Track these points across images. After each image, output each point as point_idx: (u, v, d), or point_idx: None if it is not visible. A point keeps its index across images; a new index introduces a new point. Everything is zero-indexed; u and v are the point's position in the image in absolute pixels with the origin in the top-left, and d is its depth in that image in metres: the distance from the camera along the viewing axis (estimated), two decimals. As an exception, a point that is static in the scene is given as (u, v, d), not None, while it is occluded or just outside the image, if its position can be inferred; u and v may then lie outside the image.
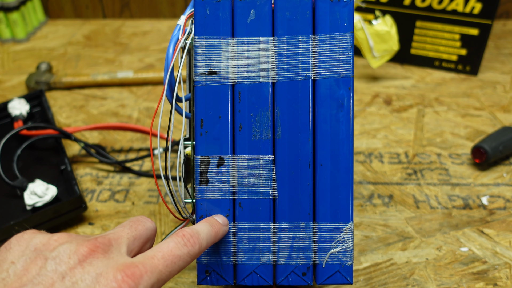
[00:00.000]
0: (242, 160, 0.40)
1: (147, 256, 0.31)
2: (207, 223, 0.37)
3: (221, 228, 0.38)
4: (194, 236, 0.34)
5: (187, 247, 0.33)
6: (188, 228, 0.35)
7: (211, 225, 0.37)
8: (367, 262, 0.49)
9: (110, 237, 0.31)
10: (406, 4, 0.83)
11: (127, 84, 0.83)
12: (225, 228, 0.39)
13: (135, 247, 0.33)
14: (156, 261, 0.31)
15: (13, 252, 0.29)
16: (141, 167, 0.64)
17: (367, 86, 0.82)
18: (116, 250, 0.31)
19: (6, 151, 0.58)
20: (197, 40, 0.39)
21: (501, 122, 0.72)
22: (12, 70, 0.90)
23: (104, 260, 0.29)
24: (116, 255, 0.30)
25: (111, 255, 0.30)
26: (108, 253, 0.30)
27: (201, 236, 0.35)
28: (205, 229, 0.36)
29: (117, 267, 0.29)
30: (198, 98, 0.40)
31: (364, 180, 0.61)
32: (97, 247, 0.30)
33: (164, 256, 0.31)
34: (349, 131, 0.40)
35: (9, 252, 0.29)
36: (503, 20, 1.05)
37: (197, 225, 0.36)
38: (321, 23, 0.39)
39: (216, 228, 0.38)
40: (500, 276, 0.47)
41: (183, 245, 0.33)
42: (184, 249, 0.33)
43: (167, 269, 0.31)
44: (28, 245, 0.30)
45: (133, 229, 0.33)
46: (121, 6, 1.10)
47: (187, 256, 0.33)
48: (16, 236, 0.31)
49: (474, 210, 0.56)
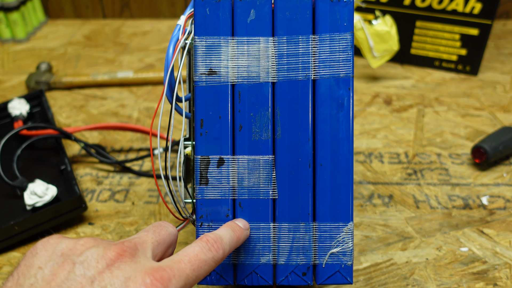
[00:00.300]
0: (242, 160, 0.40)
1: (174, 260, 0.31)
2: (229, 228, 0.37)
3: (243, 232, 0.38)
4: (218, 241, 0.34)
5: (211, 252, 0.33)
6: (211, 233, 0.35)
7: (233, 230, 0.37)
8: (367, 262, 0.49)
9: (136, 242, 0.32)
10: (406, 4, 0.83)
11: (127, 84, 0.83)
12: (247, 232, 0.39)
13: (159, 251, 0.33)
14: (183, 265, 0.31)
15: (40, 257, 0.29)
16: (141, 167, 0.64)
17: (367, 86, 0.82)
18: (142, 255, 0.31)
19: (6, 151, 0.58)
20: (197, 40, 0.39)
21: (501, 122, 0.72)
22: (12, 70, 0.90)
23: (131, 264, 0.29)
24: (143, 259, 0.31)
25: (138, 259, 0.30)
26: (135, 257, 0.30)
27: (224, 241, 0.35)
28: (228, 234, 0.36)
29: (145, 271, 0.29)
30: (198, 98, 0.40)
31: (364, 180, 0.61)
32: (124, 251, 0.30)
33: (190, 260, 0.32)
34: (349, 131, 0.40)
35: (36, 257, 0.29)
36: (503, 20, 1.05)
37: (219, 230, 0.37)
38: (321, 23, 0.39)
39: (238, 233, 0.38)
40: (500, 276, 0.47)
41: (208, 250, 0.33)
42: (209, 254, 0.33)
43: (193, 273, 0.31)
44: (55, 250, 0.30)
45: (157, 234, 0.34)
46: (121, 6, 1.10)
47: (212, 261, 0.33)
48: (42, 241, 0.30)
49: (474, 210, 0.56)
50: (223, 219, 0.40)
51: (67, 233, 0.53)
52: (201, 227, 0.40)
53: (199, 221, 0.40)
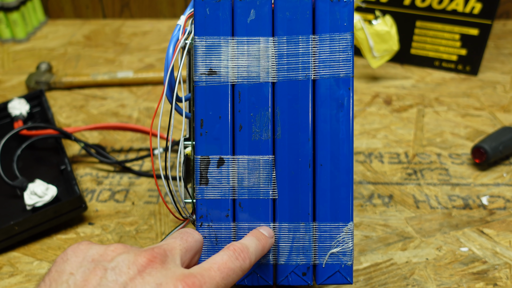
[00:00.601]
0: (242, 160, 0.40)
1: (203, 267, 0.31)
2: (254, 237, 0.37)
3: (268, 241, 0.38)
4: (244, 250, 0.35)
5: (239, 261, 0.33)
6: (238, 242, 0.35)
7: (258, 240, 0.37)
8: (367, 262, 0.49)
9: (165, 248, 0.32)
10: (406, 4, 0.83)
11: (127, 84, 0.83)
12: (271, 240, 0.39)
13: (186, 258, 0.33)
14: (213, 273, 0.31)
15: (71, 263, 0.29)
16: (141, 167, 0.64)
17: (367, 86, 0.82)
18: (172, 261, 0.31)
19: (6, 151, 0.58)
20: (197, 40, 0.39)
21: (501, 122, 0.72)
22: (12, 70, 0.90)
23: (162, 271, 0.30)
24: (173, 266, 0.31)
25: (168, 265, 0.30)
26: (166, 264, 0.30)
27: (250, 251, 0.35)
28: (253, 243, 0.36)
29: (176, 278, 0.29)
30: (198, 98, 0.40)
31: (364, 180, 0.61)
32: (155, 258, 0.30)
33: (220, 268, 0.32)
34: (349, 131, 0.40)
35: (67, 263, 0.29)
36: (503, 20, 1.05)
37: (245, 239, 0.37)
38: (321, 23, 0.39)
39: (263, 242, 0.38)
40: (500, 276, 0.47)
41: (235, 259, 0.33)
42: (237, 262, 0.33)
43: (223, 281, 0.32)
44: (85, 256, 0.30)
45: (184, 241, 0.34)
46: (121, 6, 1.10)
47: (239, 270, 0.33)
48: (72, 247, 0.31)
49: (474, 210, 0.56)
50: (223, 219, 0.40)
51: (67, 233, 0.53)
52: (201, 227, 0.40)
53: (199, 221, 0.40)
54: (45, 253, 0.51)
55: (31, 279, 0.48)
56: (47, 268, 0.49)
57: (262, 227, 0.39)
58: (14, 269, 0.49)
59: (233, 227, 0.40)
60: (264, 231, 0.39)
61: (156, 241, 0.52)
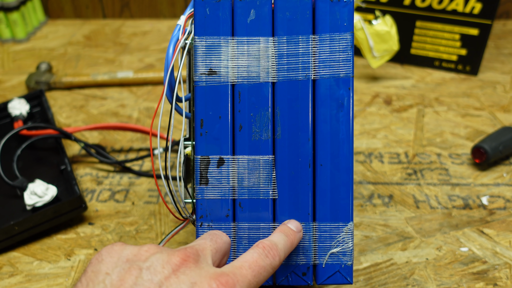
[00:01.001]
0: (242, 160, 0.40)
1: (235, 266, 0.32)
2: (282, 233, 0.37)
3: (296, 236, 0.38)
4: (273, 248, 0.35)
5: (269, 259, 0.34)
6: (266, 240, 0.36)
7: (286, 235, 0.37)
8: (367, 262, 0.49)
9: (197, 248, 0.32)
10: (406, 4, 0.83)
11: (127, 84, 0.83)
12: (300, 235, 0.39)
13: (216, 259, 0.34)
14: (244, 271, 0.32)
15: (106, 263, 0.30)
16: (141, 167, 0.64)
17: (367, 86, 0.82)
18: (204, 261, 0.32)
19: (6, 151, 0.58)
20: (197, 40, 0.39)
21: (501, 122, 0.72)
22: (12, 70, 0.90)
23: (196, 270, 0.30)
24: (206, 265, 0.31)
25: (201, 265, 0.31)
26: (199, 263, 0.31)
27: (279, 248, 0.35)
28: (282, 240, 0.36)
29: (210, 276, 0.30)
30: (198, 98, 0.40)
31: (364, 180, 0.61)
32: (188, 257, 0.31)
33: (251, 266, 0.32)
34: (349, 131, 0.40)
35: (102, 264, 0.30)
36: (503, 20, 1.05)
37: (273, 236, 0.37)
38: (321, 23, 0.39)
39: (292, 237, 0.38)
40: (500, 276, 0.47)
41: (265, 256, 0.34)
42: (267, 260, 0.34)
43: (255, 279, 0.32)
44: (120, 256, 0.30)
45: (214, 242, 0.35)
46: (121, 6, 1.10)
47: (270, 268, 0.34)
48: (106, 248, 0.31)
49: (474, 210, 0.56)
50: (223, 219, 0.40)
51: (67, 233, 0.53)
52: (201, 227, 0.40)
53: (199, 221, 0.40)
54: (45, 253, 0.51)
55: (31, 279, 0.48)
56: (47, 268, 0.49)
57: (290, 221, 0.39)
58: (14, 269, 0.49)
59: (233, 227, 0.40)
60: (292, 226, 0.39)
61: (156, 241, 0.52)
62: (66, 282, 0.48)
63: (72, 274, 0.48)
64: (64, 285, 0.47)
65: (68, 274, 0.48)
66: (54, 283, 0.48)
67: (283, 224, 0.39)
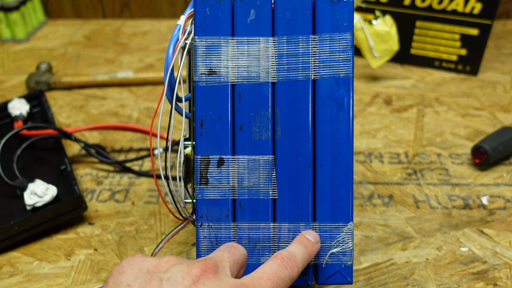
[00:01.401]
0: (242, 160, 0.40)
1: (254, 277, 0.32)
2: (300, 244, 0.38)
3: (314, 247, 0.39)
4: (292, 259, 0.35)
5: (287, 270, 0.34)
6: (285, 250, 0.36)
7: (304, 246, 0.38)
8: (367, 262, 0.49)
9: (216, 259, 0.33)
10: (406, 4, 0.83)
11: (127, 84, 0.83)
12: (317, 246, 0.39)
13: (234, 270, 0.34)
14: (263, 282, 0.32)
15: (127, 275, 0.30)
16: (141, 167, 0.64)
17: (367, 86, 0.82)
18: (223, 272, 0.32)
19: (6, 151, 0.58)
20: (197, 40, 0.39)
21: (501, 122, 0.72)
22: (12, 70, 0.90)
23: (215, 281, 0.30)
24: (225, 276, 0.32)
25: (220, 276, 0.31)
26: (218, 274, 0.31)
27: (297, 259, 0.36)
28: (300, 251, 0.37)
29: (230, 287, 0.30)
30: (198, 98, 0.40)
31: (364, 180, 0.61)
32: (208, 268, 0.31)
33: (270, 278, 0.33)
34: (349, 131, 0.40)
35: (123, 275, 0.30)
36: (503, 20, 1.05)
37: (291, 247, 0.37)
38: (321, 23, 0.39)
39: (309, 249, 0.38)
40: (500, 276, 0.47)
41: (284, 268, 0.34)
42: (286, 271, 0.34)
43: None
44: (141, 268, 0.31)
45: (231, 254, 0.35)
46: (121, 6, 1.10)
47: (288, 279, 0.34)
48: (126, 259, 0.32)
49: (474, 210, 0.56)
50: (223, 219, 0.40)
51: (67, 233, 0.53)
52: (201, 227, 0.40)
53: (199, 221, 0.40)
54: (45, 253, 0.51)
55: (31, 279, 0.48)
56: (47, 268, 0.49)
57: (308, 232, 0.39)
58: (14, 269, 0.49)
59: (233, 227, 0.40)
60: (310, 236, 0.39)
61: (156, 241, 0.52)
62: (66, 282, 0.48)
63: (72, 274, 0.48)
64: (64, 285, 0.47)
65: (68, 274, 0.48)
66: (54, 283, 0.48)
67: (301, 234, 0.39)
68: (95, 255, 0.51)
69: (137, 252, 0.50)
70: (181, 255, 0.50)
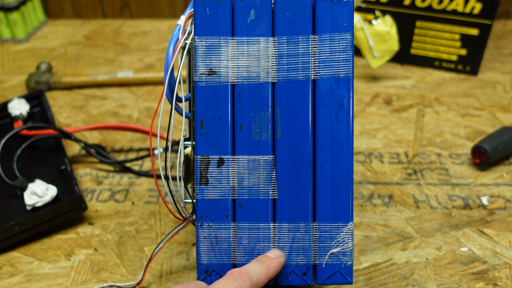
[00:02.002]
0: (242, 160, 0.40)
1: None
2: (256, 261, 0.39)
3: (273, 261, 0.39)
4: (242, 272, 0.37)
5: (237, 282, 0.36)
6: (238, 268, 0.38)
7: (260, 262, 0.39)
8: (367, 262, 0.49)
9: None
10: (406, 4, 0.83)
11: (127, 84, 0.83)
12: (279, 260, 0.40)
13: None
14: None
15: None
16: (141, 167, 0.64)
17: (367, 86, 0.82)
18: None
19: (6, 151, 0.58)
20: (197, 40, 0.39)
21: (501, 122, 0.72)
22: (12, 70, 0.90)
23: None
24: None
25: None
26: None
27: (250, 272, 0.37)
28: (253, 265, 0.38)
29: None
30: (198, 98, 0.40)
31: (364, 180, 0.61)
32: None
33: None
34: (349, 131, 0.40)
35: None
36: (503, 20, 1.05)
37: (246, 265, 0.39)
38: (321, 23, 0.39)
39: (267, 262, 0.39)
40: (500, 276, 0.47)
41: (233, 280, 0.36)
42: (235, 283, 0.36)
43: None
44: None
45: None
46: (121, 6, 1.10)
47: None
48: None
49: (474, 210, 0.56)
50: (223, 219, 0.40)
51: (67, 233, 0.53)
52: (201, 227, 0.40)
53: (199, 221, 0.40)
54: (45, 253, 0.51)
55: (31, 279, 0.48)
56: (47, 268, 0.49)
57: (271, 251, 0.41)
58: (14, 269, 0.49)
59: (233, 227, 0.40)
60: (270, 254, 0.40)
61: (156, 241, 0.52)
62: (66, 282, 0.48)
63: (72, 274, 0.48)
64: (64, 285, 0.47)
65: (68, 274, 0.48)
66: (54, 283, 0.48)
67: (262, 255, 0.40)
68: (95, 255, 0.51)
69: (137, 252, 0.50)
70: (181, 255, 0.50)
